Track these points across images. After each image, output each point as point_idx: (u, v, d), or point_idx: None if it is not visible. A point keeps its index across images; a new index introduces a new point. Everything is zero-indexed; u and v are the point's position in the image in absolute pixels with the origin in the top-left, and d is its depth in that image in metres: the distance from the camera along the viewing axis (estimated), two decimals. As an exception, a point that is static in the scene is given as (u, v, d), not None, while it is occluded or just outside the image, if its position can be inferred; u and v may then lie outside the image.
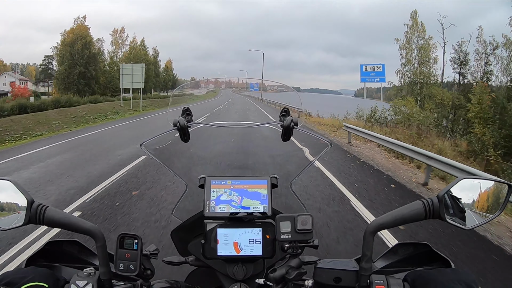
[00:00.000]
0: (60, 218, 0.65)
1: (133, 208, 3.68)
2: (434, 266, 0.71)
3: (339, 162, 6.43)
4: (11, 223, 0.63)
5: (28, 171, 5.57)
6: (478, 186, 0.66)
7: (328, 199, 4.14)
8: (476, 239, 3.18)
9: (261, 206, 0.78)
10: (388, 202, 4.24)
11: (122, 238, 0.69)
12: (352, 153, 7.57)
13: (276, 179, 0.81)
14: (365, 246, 0.66)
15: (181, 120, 0.84)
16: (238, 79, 6.66)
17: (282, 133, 0.86)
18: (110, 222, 3.29)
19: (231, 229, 0.76)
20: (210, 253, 0.76)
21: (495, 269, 2.64)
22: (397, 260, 0.74)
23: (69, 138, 9.76)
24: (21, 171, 5.62)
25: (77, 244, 0.76)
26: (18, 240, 2.87)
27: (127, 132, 11.17)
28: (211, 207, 0.78)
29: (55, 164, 6.14)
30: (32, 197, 0.64)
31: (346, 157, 7.07)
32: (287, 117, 0.87)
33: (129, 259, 0.68)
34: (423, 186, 5.21)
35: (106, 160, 6.25)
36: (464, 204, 0.65)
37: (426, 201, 0.65)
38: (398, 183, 5.24)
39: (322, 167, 5.52)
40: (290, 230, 0.69)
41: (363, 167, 6.28)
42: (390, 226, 0.66)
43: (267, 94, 32.49)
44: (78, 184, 4.67)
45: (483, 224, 0.65)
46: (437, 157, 5.18)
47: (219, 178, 0.80)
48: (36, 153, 7.39)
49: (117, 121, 15.39)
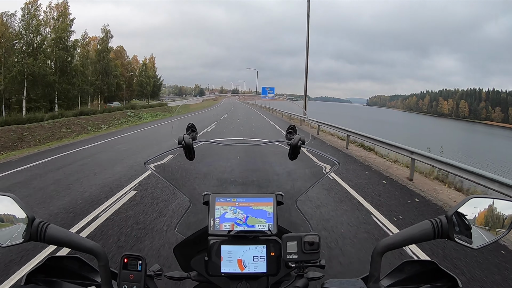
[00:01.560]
0: (61, 236, 0.64)
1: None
2: (441, 284, 0.70)
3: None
4: (11, 240, 0.62)
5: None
6: (486, 205, 0.65)
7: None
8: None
9: (267, 224, 0.77)
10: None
11: (125, 259, 0.68)
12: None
13: (281, 196, 0.80)
14: (373, 266, 0.65)
15: (186, 138, 0.83)
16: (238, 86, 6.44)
17: (290, 152, 0.85)
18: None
19: (235, 246, 0.75)
20: (214, 270, 0.75)
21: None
22: (404, 278, 0.73)
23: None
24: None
25: (78, 260, 0.74)
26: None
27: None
28: (215, 225, 0.76)
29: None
30: (33, 214, 0.63)
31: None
32: (294, 135, 0.86)
33: (132, 280, 0.66)
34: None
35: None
36: (472, 222, 0.65)
37: (434, 221, 0.65)
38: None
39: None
40: (296, 250, 0.68)
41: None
42: (399, 246, 0.66)
43: (275, 102, 30.29)
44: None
45: (491, 243, 0.64)
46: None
47: (223, 195, 0.79)
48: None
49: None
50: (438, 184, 5.99)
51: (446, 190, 5.66)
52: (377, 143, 8.16)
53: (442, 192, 5.41)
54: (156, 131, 14.06)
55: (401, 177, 6.25)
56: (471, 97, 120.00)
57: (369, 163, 7.53)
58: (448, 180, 6.08)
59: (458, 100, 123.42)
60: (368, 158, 8.30)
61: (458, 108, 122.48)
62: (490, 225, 0.65)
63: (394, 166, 7.46)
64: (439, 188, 5.66)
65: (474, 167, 4.92)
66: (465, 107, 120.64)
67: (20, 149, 10.49)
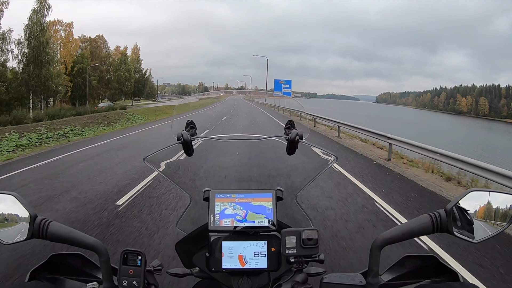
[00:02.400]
0: (63, 233, 0.65)
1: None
2: (442, 278, 0.70)
3: None
4: (14, 237, 0.64)
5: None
6: (486, 198, 0.65)
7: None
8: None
9: (266, 219, 0.78)
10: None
11: (125, 255, 0.69)
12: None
13: (281, 191, 0.80)
14: (372, 260, 0.65)
15: (185, 134, 0.84)
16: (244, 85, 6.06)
17: (287, 146, 0.85)
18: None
19: (236, 242, 0.76)
20: (215, 266, 0.76)
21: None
22: (404, 273, 0.73)
23: None
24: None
25: (81, 257, 0.76)
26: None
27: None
28: (215, 221, 0.77)
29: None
30: (35, 212, 0.64)
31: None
32: (292, 130, 0.86)
33: (132, 275, 0.67)
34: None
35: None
36: (472, 216, 0.64)
37: (433, 215, 0.64)
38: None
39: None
40: (295, 245, 0.69)
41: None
42: (397, 240, 0.66)
43: (282, 100, 27.01)
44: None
45: (491, 236, 0.64)
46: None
47: (223, 192, 0.80)
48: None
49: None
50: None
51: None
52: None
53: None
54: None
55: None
56: (491, 93, 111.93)
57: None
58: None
59: (477, 97, 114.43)
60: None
61: (478, 106, 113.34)
62: (490, 219, 0.64)
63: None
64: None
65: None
66: (485, 105, 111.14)
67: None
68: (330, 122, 12.94)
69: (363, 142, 10.27)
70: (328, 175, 5.43)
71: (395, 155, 8.00)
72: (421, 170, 6.66)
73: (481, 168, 4.76)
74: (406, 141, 6.98)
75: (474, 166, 4.90)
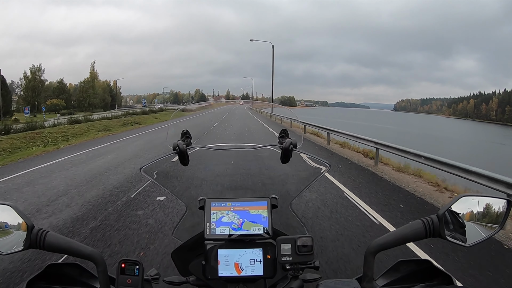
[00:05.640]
0: (60, 243, 0.65)
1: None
2: (436, 282, 0.71)
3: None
4: (11, 248, 0.63)
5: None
6: (477, 203, 0.66)
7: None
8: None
9: (262, 227, 0.78)
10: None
11: (123, 264, 0.69)
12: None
13: (276, 199, 0.81)
14: (366, 266, 0.66)
15: (180, 144, 0.85)
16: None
17: (282, 155, 0.86)
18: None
19: (231, 250, 0.76)
20: (211, 274, 0.76)
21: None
22: (399, 277, 0.74)
23: None
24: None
25: (77, 267, 0.75)
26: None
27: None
28: (211, 229, 0.78)
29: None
30: (32, 222, 0.64)
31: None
32: (286, 139, 0.87)
33: (130, 285, 0.68)
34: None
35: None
36: (464, 220, 0.65)
37: (426, 220, 0.65)
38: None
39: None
40: (291, 252, 0.69)
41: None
42: (391, 246, 0.66)
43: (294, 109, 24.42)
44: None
45: (483, 240, 0.65)
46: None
47: (219, 200, 0.80)
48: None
49: None
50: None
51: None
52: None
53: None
54: None
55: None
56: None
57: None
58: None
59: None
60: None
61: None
62: (482, 223, 0.66)
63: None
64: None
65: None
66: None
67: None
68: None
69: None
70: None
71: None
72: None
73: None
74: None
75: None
